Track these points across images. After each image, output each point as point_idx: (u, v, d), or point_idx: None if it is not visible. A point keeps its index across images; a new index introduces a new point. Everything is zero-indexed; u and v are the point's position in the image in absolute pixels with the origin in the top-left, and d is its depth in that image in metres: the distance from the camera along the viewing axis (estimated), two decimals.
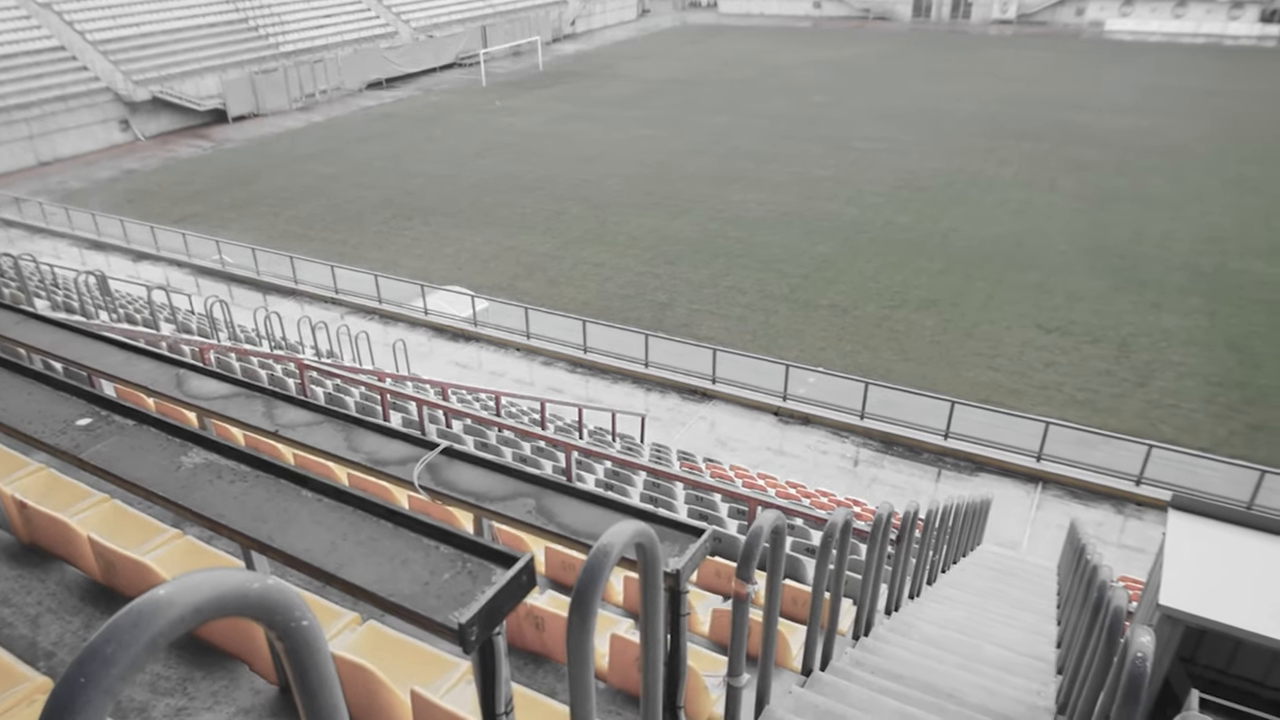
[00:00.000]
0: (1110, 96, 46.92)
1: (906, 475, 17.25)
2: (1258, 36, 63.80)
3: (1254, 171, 33.75)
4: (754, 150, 38.65)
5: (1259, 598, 4.64)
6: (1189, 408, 18.63)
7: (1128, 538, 15.25)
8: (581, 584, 2.19)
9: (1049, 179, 33.61)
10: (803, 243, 28.11)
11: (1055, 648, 8.26)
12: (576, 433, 14.63)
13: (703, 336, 22.05)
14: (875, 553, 6.06)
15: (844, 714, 4.85)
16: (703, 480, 9.51)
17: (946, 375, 20.18)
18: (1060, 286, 24.39)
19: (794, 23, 78.57)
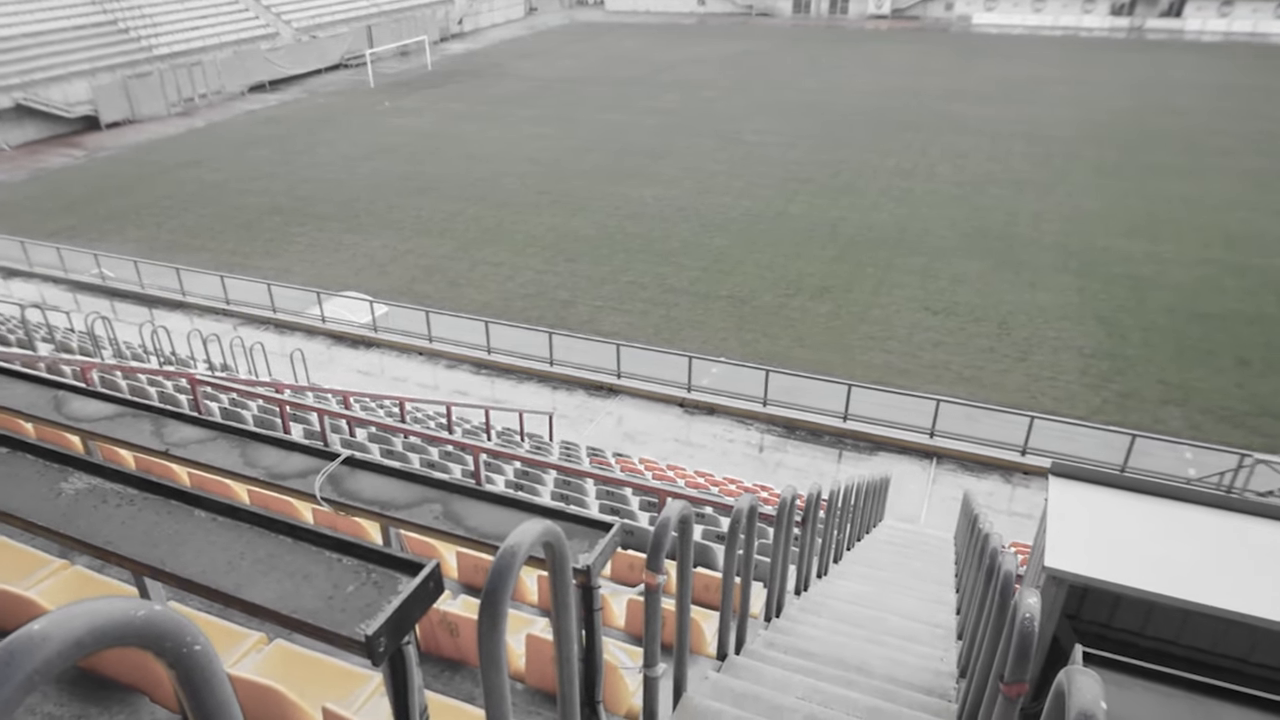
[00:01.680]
0: (980, 87, 49.28)
1: (809, 458, 17.76)
2: (1109, 28, 68.18)
3: (1113, 155, 36.09)
4: (647, 146, 38.93)
5: (1135, 555, 4.99)
6: (1065, 379, 19.80)
7: (1016, 505, 16.11)
8: (490, 586, 2.19)
9: (928, 167, 35.08)
10: (700, 236, 28.52)
11: (955, 614, 8.66)
12: (484, 435, 14.46)
13: (606, 332, 22.12)
14: (782, 535, 6.23)
15: (759, 695, 4.97)
16: (613, 475, 9.55)
17: (842, 359, 20.85)
18: (944, 270, 25.52)
19: (680, 19, 79.48)
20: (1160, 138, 38.47)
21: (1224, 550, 5.08)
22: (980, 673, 4.65)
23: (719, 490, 12.54)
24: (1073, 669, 2.05)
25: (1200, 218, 29.07)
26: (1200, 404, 18.71)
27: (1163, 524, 5.29)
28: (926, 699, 5.69)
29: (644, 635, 3.71)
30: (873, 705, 5.26)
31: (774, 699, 4.94)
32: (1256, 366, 19.99)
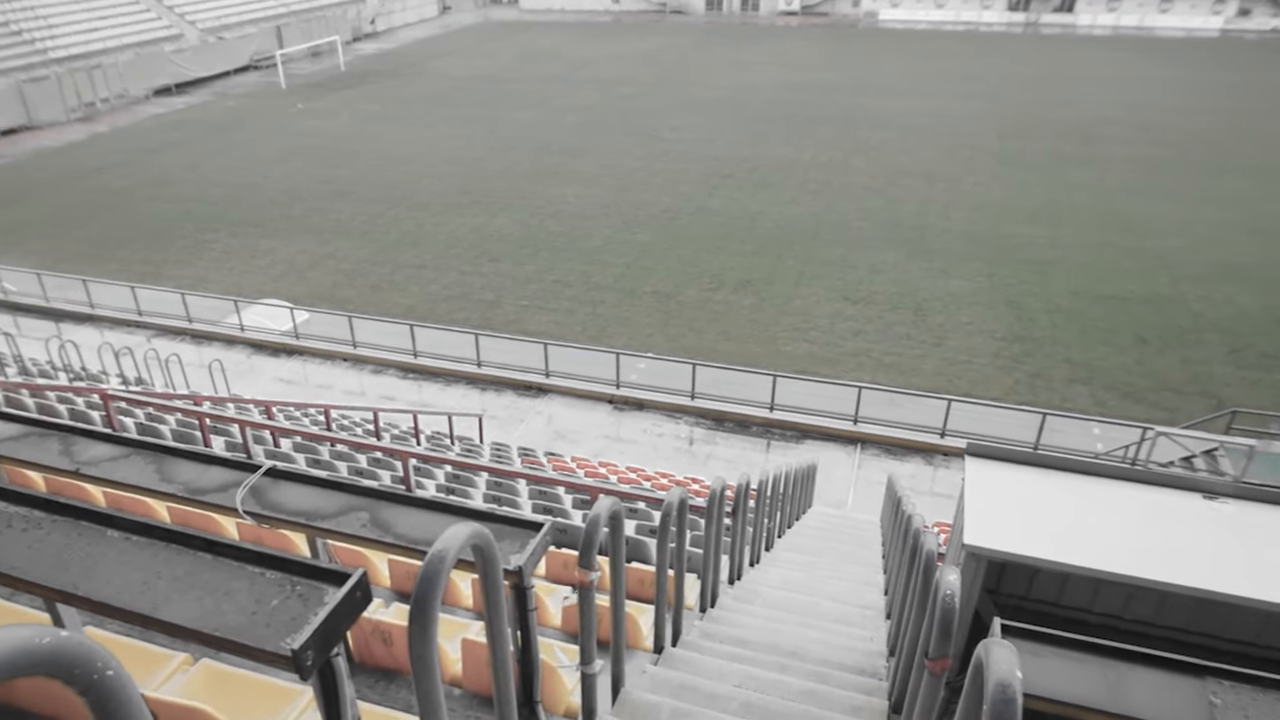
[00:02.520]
0: (888, 81, 50.63)
1: (738, 449, 18.01)
2: (1007, 23, 70.89)
3: (1015, 145, 37.54)
4: (567, 144, 38.82)
5: (1048, 529, 5.22)
6: (979, 362, 20.54)
7: (938, 486, 16.64)
8: (419, 592, 2.17)
9: (842, 160, 35.89)
10: (622, 233, 28.59)
11: (883, 595, 8.90)
12: (413, 439, 14.24)
13: (533, 331, 22.02)
14: (713, 526, 6.31)
15: (697, 685, 5.03)
16: (545, 474, 9.52)
17: (767, 350, 21.20)
18: (861, 260, 26.16)
19: (595, 17, 79.39)
20: (1058, 128, 40.17)
21: (1130, 520, 5.35)
22: (907, 650, 4.80)
23: (651, 485, 12.61)
24: (990, 641, 2.13)
25: (1097, 203, 30.49)
26: (1104, 381, 19.63)
27: (1073, 498, 5.54)
28: (858, 679, 5.84)
29: (579, 632, 3.72)
30: (807, 688, 5.38)
31: (711, 688, 5.01)
32: (1154, 344, 21.09)
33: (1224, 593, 4.71)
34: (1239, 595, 4.70)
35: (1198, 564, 4.85)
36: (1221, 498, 5.46)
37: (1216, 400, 18.50)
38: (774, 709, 4.89)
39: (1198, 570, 4.79)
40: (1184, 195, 30.98)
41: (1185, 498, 5.53)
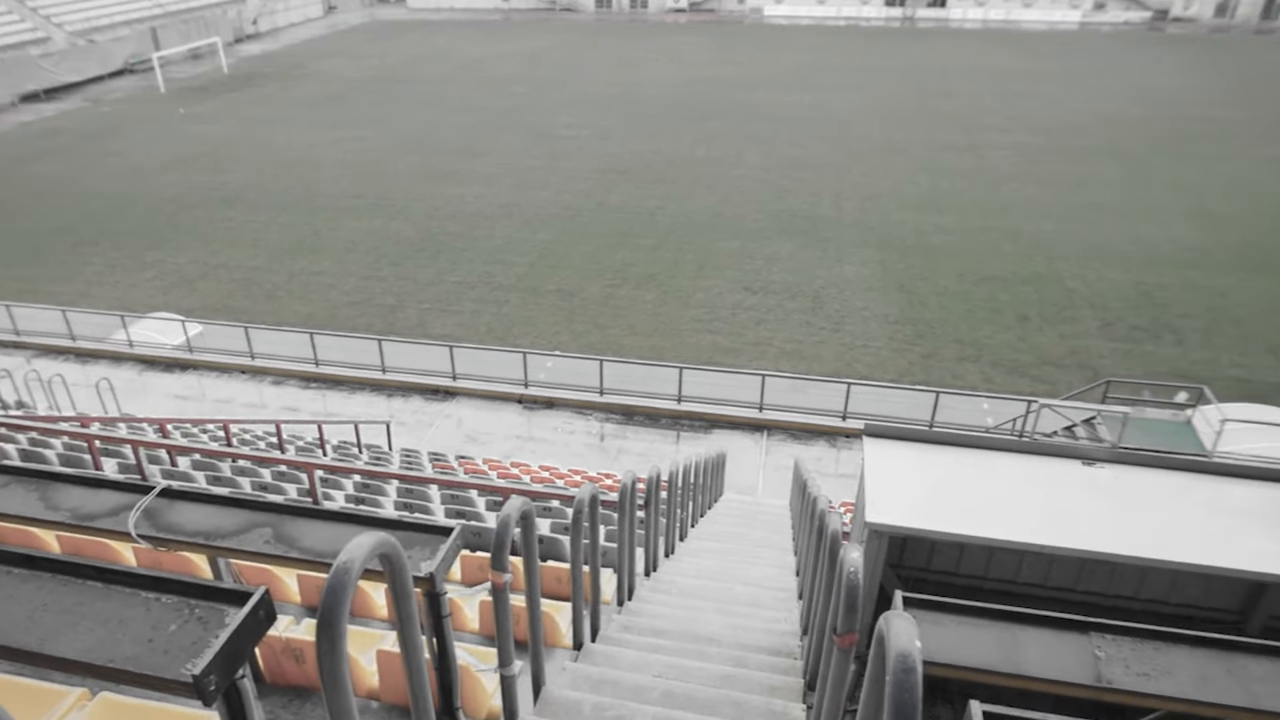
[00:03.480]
0: (776, 76, 51.80)
1: (649, 442, 18.16)
2: (885, 18, 73.53)
3: (899, 135, 39.00)
4: (462, 145, 38.26)
5: (944, 502, 5.45)
6: (875, 346, 21.28)
7: (842, 467, 17.18)
8: (325, 606, 2.12)
9: (736, 154, 36.55)
10: (523, 232, 28.39)
11: (795, 576, 9.14)
12: (319, 451, 13.81)
13: (437, 335, 21.69)
14: (626, 520, 6.35)
15: (617, 679, 5.07)
16: (456, 478, 9.39)
17: (672, 343, 21.44)
18: (759, 251, 26.72)
19: (485, 16, 78.35)
20: (937, 118, 41.93)
21: (1018, 489, 5.65)
22: (818, 628, 4.95)
23: (564, 483, 12.60)
24: (891, 614, 2.19)
25: (977, 190, 31.99)
26: (991, 358, 20.65)
27: (966, 471, 5.81)
28: (774, 660, 5.99)
29: (496, 634, 3.70)
30: (726, 673, 5.49)
31: (631, 680, 5.05)
32: (1034, 321, 22.29)
33: (1104, 552, 5.03)
34: (1117, 554, 5.02)
35: (1080, 527, 5.16)
36: (1099, 463, 5.83)
37: (1093, 371, 19.69)
38: (694, 695, 4.97)
39: (1080, 533, 5.09)
40: (1056, 180, 32.81)
41: (1067, 465, 5.87)
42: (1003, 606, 2.85)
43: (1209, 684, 2.56)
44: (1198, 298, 23.25)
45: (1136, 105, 43.91)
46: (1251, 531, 5.14)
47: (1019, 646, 2.73)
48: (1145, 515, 5.35)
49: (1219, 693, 2.54)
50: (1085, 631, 2.75)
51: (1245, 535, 5.11)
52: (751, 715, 4.85)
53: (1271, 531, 5.13)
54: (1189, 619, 5.97)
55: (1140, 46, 60.73)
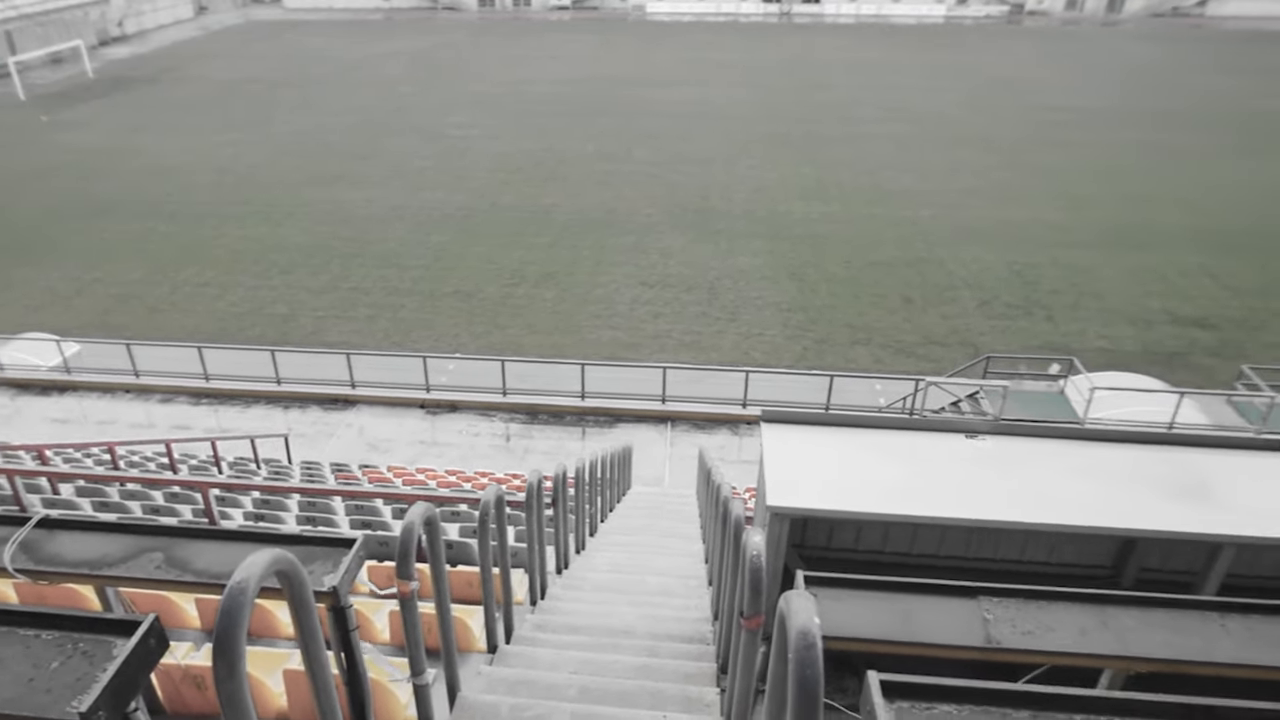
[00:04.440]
0: (661, 72, 52.34)
1: (555, 440, 18.12)
2: (763, 14, 75.27)
3: (782, 128, 40.02)
4: (350, 147, 37.17)
5: (841, 482, 5.64)
6: (771, 334, 21.81)
7: (745, 454, 17.55)
8: (220, 629, 2.05)
9: (625, 150, 36.76)
10: (416, 234, 27.83)
11: (704, 564, 9.29)
12: (214, 469, 13.21)
13: (333, 342, 21.10)
14: (534, 519, 6.33)
15: (533, 679, 5.06)
16: (360, 488, 9.16)
17: (573, 340, 21.44)
18: (653, 245, 26.98)
19: (365, 15, 76.15)
20: (817, 110, 43.24)
21: (909, 465, 5.89)
22: (727, 612, 5.06)
23: (471, 486, 12.46)
24: (790, 593, 2.25)
25: (858, 179, 33.16)
26: (880, 341, 21.47)
27: (861, 451, 6.03)
28: (688, 647, 6.09)
29: (406, 644, 3.64)
30: (640, 664, 5.55)
31: (547, 679, 5.05)
32: (918, 303, 23.29)
33: (989, 520, 5.31)
34: (1001, 520, 5.31)
35: (966, 498, 5.43)
36: (981, 435, 6.15)
37: (974, 348, 20.73)
38: (610, 688, 5.01)
39: (966, 504, 5.36)
40: (930, 168, 34.33)
41: (953, 439, 6.16)
42: (898, 578, 2.95)
43: (1087, 636, 2.71)
44: (1064, 275, 24.78)
45: (1000, 94, 46.38)
46: (1121, 491, 5.51)
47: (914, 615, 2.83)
48: (1025, 482, 5.66)
49: (1096, 644, 2.69)
50: (974, 596, 2.86)
51: (1115, 495, 5.48)
52: (668, 703, 4.93)
53: (1139, 490, 5.52)
54: (1069, 577, 6.34)
55: (1001, 38, 64.19)
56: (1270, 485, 5.62)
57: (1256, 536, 5.15)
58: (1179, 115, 41.98)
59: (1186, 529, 5.18)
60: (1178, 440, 6.23)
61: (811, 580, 2.95)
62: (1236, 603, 2.82)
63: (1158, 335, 21.53)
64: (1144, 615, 2.81)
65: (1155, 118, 41.58)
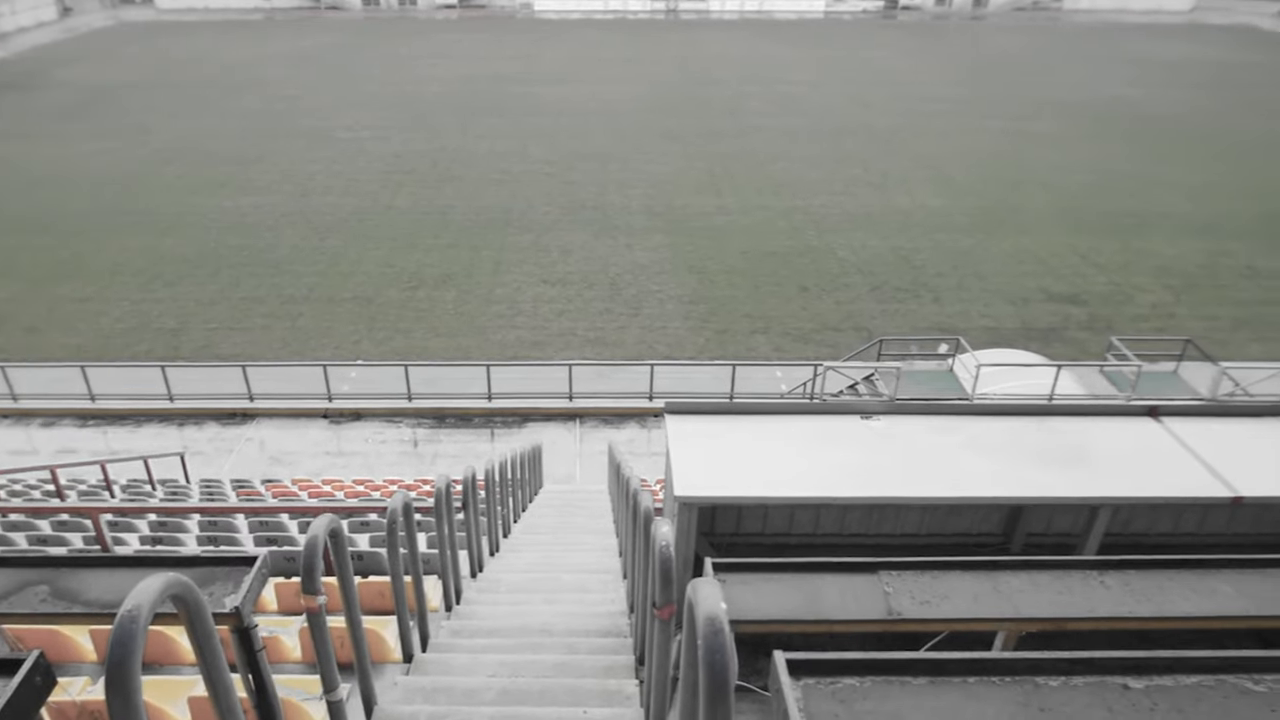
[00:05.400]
0: (552, 69, 52.16)
1: (464, 443, 17.92)
2: (650, 10, 75.86)
3: (674, 123, 40.48)
4: (235, 152, 35.63)
5: (745, 469, 5.77)
6: (673, 327, 22.08)
7: (654, 446, 17.73)
8: (112, 659, 1.99)
9: (520, 149, 36.49)
10: (310, 240, 26.95)
11: (619, 557, 9.37)
12: (105, 493, 12.52)
13: (228, 355, 20.28)
14: (444, 524, 6.27)
15: (451, 685, 5.02)
16: (264, 504, 8.85)
17: (477, 341, 21.20)
18: (553, 243, 26.90)
19: (245, 15, 72.90)
20: (707, 105, 43.92)
21: (809, 449, 6.09)
22: (641, 603, 5.14)
23: (380, 494, 12.21)
24: (697, 581, 2.29)
25: (751, 171, 33.86)
26: (779, 329, 22.01)
27: (764, 437, 6.19)
28: (606, 641, 6.14)
29: (317, 660, 3.57)
30: (559, 661, 5.58)
31: (465, 684, 5.03)
32: (813, 290, 23.98)
33: (886, 497, 5.56)
34: (898, 497, 5.56)
35: (865, 477, 5.66)
36: (875, 416, 6.40)
37: (867, 332, 21.49)
38: (529, 688, 5.02)
39: (865, 482, 5.58)
40: (817, 158, 35.35)
41: (850, 421, 6.40)
42: (803, 559, 3.03)
43: (980, 602, 2.86)
44: (947, 258, 25.95)
45: (879, 86, 48.12)
46: (1007, 462, 5.84)
47: (820, 594, 2.92)
48: (919, 459, 5.93)
49: (988, 608, 2.84)
50: (874, 571, 2.99)
51: (1002, 466, 5.80)
52: (587, 698, 4.97)
53: (1023, 460, 5.85)
54: (964, 546, 6.67)
55: (877, 32, 66.66)
56: (1140, 448, 6.05)
57: (1129, 497, 5.53)
58: (1039, 103, 44.55)
59: (1067, 494, 5.53)
60: (1057, 410, 6.62)
61: (720, 566, 3.02)
62: (1113, 560, 3.00)
63: (1035, 312, 22.81)
64: (1031, 578, 2.96)
65: (1019, 106, 43.98)
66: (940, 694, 1.95)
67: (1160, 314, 22.72)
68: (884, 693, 1.96)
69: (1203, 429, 6.25)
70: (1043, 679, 2.00)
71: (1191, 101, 45.15)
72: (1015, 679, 1.99)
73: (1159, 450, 6.01)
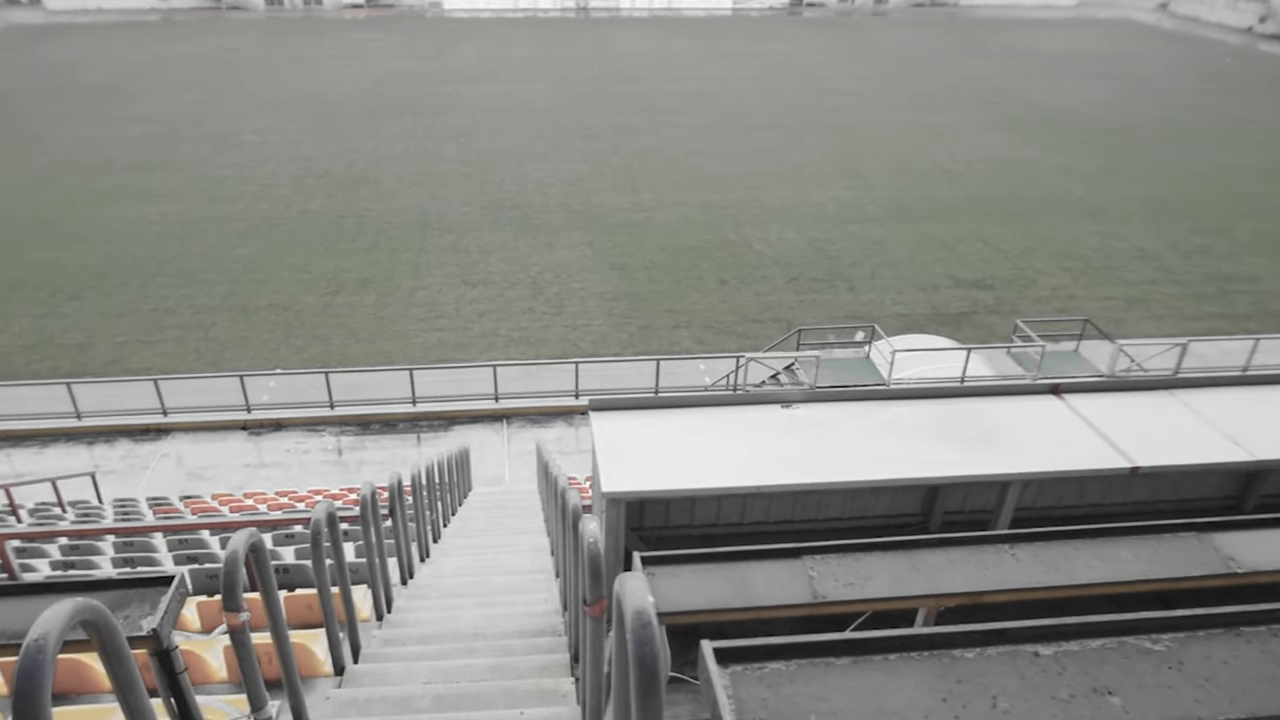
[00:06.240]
0: (464, 69, 51.43)
1: (390, 449, 17.62)
2: (561, 8, 75.51)
3: (589, 121, 40.45)
4: (137, 159, 34.07)
5: (672, 462, 5.85)
6: (597, 324, 22.11)
7: (582, 444, 17.74)
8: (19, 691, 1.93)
9: (435, 149, 35.94)
10: (221, 248, 26.01)
11: (551, 556, 9.37)
12: (11, 518, 11.88)
13: (138, 369, 19.48)
14: (371, 532, 6.19)
15: (385, 695, 4.98)
16: (183, 521, 8.56)
17: (399, 346, 20.84)
18: (473, 244, 26.61)
19: (140, 16, 69.39)
20: (621, 102, 44.01)
21: (733, 439, 6.21)
22: (573, 601, 5.17)
23: (305, 505, 11.94)
24: (624, 575, 2.31)
25: (666, 167, 34.09)
26: (701, 322, 22.26)
27: (689, 430, 6.28)
28: (540, 640, 6.16)
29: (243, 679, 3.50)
30: (494, 664, 5.57)
31: (399, 693, 4.98)
32: (732, 283, 24.33)
33: (808, 483, 5.71)
34: (820, 482, 5.73)
35: (788, 465, 5.80)
36: (795, 404, 6.57)
37: (786, 323, 21.91)
38: (465, 693, 5.01)
39: (787, 470, 5.73)
40: (731, 153, 35.82)
41: (771, 411, 6.54)
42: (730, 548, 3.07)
43: (900, 581, 2.94)
44: (860, 248, 26.65)
45: (787, 81, 49.03)
46: (923, 444, 6.06)
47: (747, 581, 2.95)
48: (838, 444, 6.11)
49: (909, 586, 2.92)
50: (799, 556, 3.03)
51: (918, 448, 6.02)
52: (524, 699, 4.99)
53: (938, 441, 6.09)
54: (885, 527, 6.89)
55: (784, 28, 67.88)
56: (1045, 425, 6.36)
57: (1036, 472, 5.82)
58: (939, 95, 46.09)
59: (979, 473, 5.78)
60: (967, 392, 6.91)
61: (648, 560, 3.04)
62: (1024, 533, 3.13)
63: (945, 298, 23.63)
64: (949, 554, 3.06)
65: (920, 98, 45.42)
66: (863, 672, 2.01)
67: (1061, 296, 23.81)
68: (809, 675, 2.00)
69: (1101, 404, 6.60)
70: (959, 651, 2.07)
71: (1078, 91, 47.35)
72: (933, 653, 2.06)
73: (1062, 426, 6.34)
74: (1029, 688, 1.96)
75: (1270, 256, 26.43)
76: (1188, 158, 36.01)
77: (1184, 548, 3.11)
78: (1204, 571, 3.00)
